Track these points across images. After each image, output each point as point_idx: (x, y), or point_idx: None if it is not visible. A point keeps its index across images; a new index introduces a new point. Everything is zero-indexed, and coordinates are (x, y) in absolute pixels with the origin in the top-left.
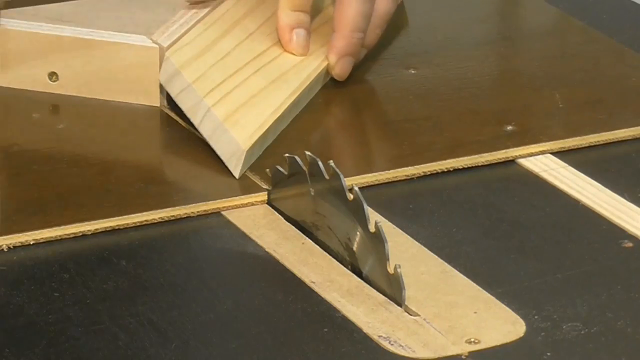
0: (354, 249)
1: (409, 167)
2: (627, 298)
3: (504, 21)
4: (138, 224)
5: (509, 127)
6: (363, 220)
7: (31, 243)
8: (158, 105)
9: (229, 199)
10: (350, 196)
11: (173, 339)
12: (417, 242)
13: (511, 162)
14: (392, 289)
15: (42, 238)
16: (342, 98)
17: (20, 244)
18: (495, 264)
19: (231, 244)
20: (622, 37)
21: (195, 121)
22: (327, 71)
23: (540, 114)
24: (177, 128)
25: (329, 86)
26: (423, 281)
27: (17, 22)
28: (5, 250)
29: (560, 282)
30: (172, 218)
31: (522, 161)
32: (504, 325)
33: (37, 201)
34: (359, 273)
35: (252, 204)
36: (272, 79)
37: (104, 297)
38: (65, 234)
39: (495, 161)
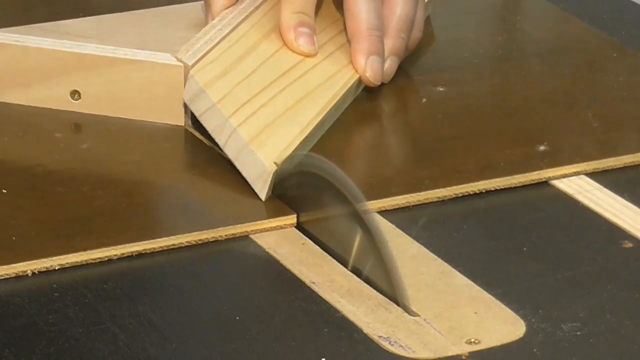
0: (355, 249)
1: (440, 189)
2: (627, 298)
3: (531, 36)
4: (165, 248)
5: (542, 147)
6: (363, 221)
7: (56, 268)
8: (182, 124)
9: (257, 222)
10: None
11: (173, 339)
12: (417, 243)
13: (544, 183)
14: (392, 290)
15: (67, 263)
16: (369, 116)
17: (45, 269)
18: (495, 264)
19: (231, 244)
20: (622, 37)
21: (220, 142)
22: (354, 89)
23: (573, 133)
24: (202, 148)
25: (356, 104)
26: (423, 281)
27: (39, 40)
28: (30, 275)
29: (560, 282)
30: (200, 242)
31: (556, 182)
32: (504, 325)
33: (62, 224)
34: (359, 274)
35: (281, 227)
36: (298, 98)
37: (104, 297)
38: (91, 259)
39: (528, 182)
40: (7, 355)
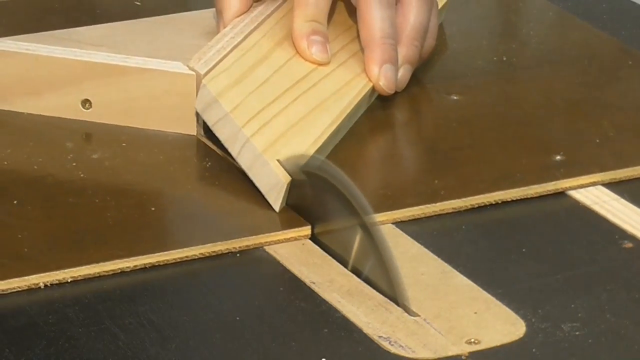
0: (355, 249)
1: (456, 200)
2: (627, 298)
3: (545, 43)
4: (178, 260)
5: (558, 157)
6: (363, 221)
7: (69, 281)
8: (194, 134)
9: (271, 234)
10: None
11: (173, 339)
12: (417, 243)
13: (561, 194)
14: (392, 290)
15: (79, 276)
16: (383, 126)
17: (57, 282)
18: (495, 264)
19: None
20: (622, 37)
21: (233, 152)
22: (367, 97)
23: (590, 143)
24: (215, 158)
25: (370, 113)
26: (423, 282)
27: (49, 48)
28: (42, 287)
29: (560, 283)
30: (213, 254)
31: (573, 193)
32: (504, 325)
33: (74, 236)
34: (359, 274)
35: (296, 239)
36: (311, 107)
37: (104, 297)
38: (104, 271)
39: (545, 193)
40: (7, 355)
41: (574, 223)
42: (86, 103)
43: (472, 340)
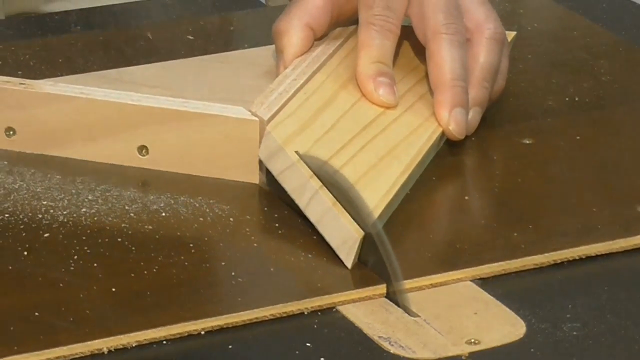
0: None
1: (538, 256)
2: (627, 298)
3: (619, 82)
4: (247, 322)
5: None
6: (363, 222)
7: (134, 346)
8: (257, 182)
9: (344, 293)
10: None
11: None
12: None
13: None
14: (393, 290)
15: (145, 340)
16: (453, 173)
17: (121, 347)
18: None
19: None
20: (622, 37)
21: (300, 204)
22: (437, 143)
23: None
24: (280, 208)
25: (438, 159)
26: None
27: (104, 91)
28: (105, 353)
29: (560, 282)
30: (284, 315)
31: None
32: (504, 326)
33: (138, 296)
34: None
35: (370, 298)
36: (381, 155)
37: None
38: (170, 335)
39: (630, 247)
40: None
41: None
42: (142, 149)
43: (472, 340)
